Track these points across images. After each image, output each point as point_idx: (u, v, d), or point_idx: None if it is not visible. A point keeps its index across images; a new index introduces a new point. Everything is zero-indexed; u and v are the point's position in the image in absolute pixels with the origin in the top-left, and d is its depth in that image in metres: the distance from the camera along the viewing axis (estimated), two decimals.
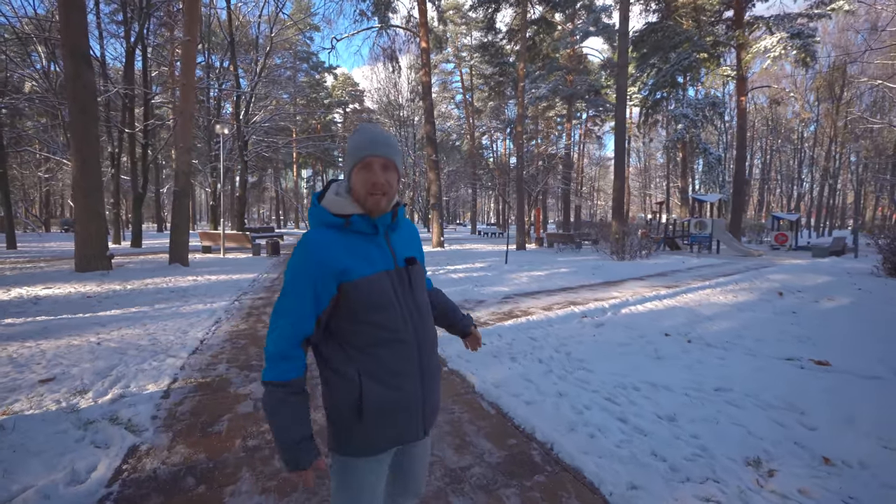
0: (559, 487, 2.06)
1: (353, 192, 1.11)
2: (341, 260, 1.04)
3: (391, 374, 1.07)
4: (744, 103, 21.91)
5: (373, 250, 1.09)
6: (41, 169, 25.94)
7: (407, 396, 1.09)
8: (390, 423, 1.08)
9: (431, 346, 1.18)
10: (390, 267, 1.11)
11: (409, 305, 1.12)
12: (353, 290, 1.03)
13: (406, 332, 1.09)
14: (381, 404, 1.05)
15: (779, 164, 46.49)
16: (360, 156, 1.08)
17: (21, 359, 3.74)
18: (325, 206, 1.11)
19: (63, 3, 8.39)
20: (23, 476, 2.08)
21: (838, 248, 15.68)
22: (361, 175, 1.09)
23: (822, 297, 6.71)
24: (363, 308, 1.05)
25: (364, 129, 1.13)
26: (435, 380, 1.19)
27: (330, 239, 1.06)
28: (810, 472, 2.12)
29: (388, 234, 1.15)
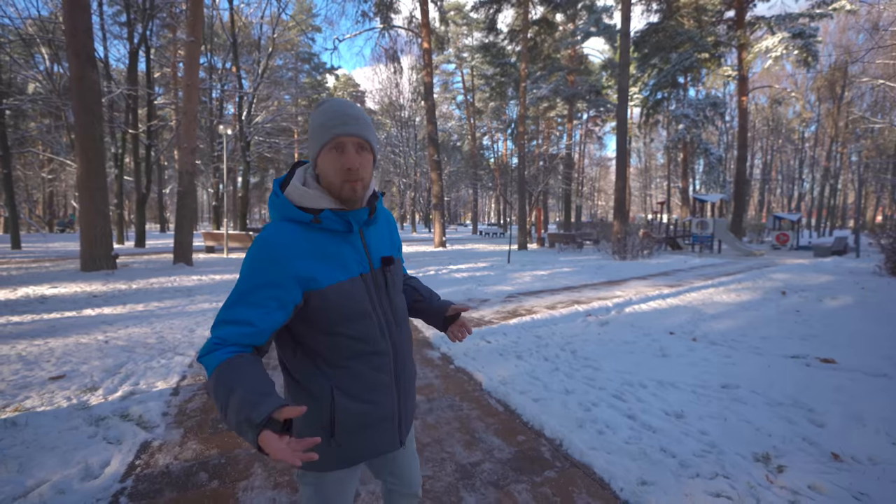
0: (570, 483, 2.08)
1: (321, 180, 0.94)
2: (307, 265, 0.88)
3: (367, 388, 0.97)
4: (745, 103, 21.92)
5: (346, 251, 0.94)
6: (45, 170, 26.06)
7: (382, 410, 1.00)
8: (364, 439, 0.99)
9: (407, 352, 1.08)
10: (366, 270, 0.96)
11: (387, 312, 1.00)
12: (322, 300, 0.89)
13: (383, 342, 0.98)
14: (354, 421, 0.96)
15: (780, 164, 46.49)
16: (330, 135, 0.90)
17: (30, 357, 3.76)
18: (290, 196, 0.93)
19: (68, 5, 8.43)
20: (37, 471, 2.10)
21: (840, 247, 15.67)
22: (331, 158, 0.91)
23: (826, 296, 6.71)
24: (335, 319, 0.91)
25: (332, 103, 0.94)
26: (410, 387, 1.10)
27: (294, 238, 0.89)
28: (820, 468, 2.13)
29: (363, 231, 0.99)
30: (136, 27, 17.29)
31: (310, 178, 0.96)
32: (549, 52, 24.41)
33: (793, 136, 42.54)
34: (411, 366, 1.11)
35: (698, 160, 29.71)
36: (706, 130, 26.19)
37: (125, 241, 19.97)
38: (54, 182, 29.05)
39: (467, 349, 4.15)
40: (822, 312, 5.65)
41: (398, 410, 1.04)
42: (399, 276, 1.08)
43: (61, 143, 18.79)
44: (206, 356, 0.84)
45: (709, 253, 17.28)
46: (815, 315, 5.49)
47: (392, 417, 1.02)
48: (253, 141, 22.83)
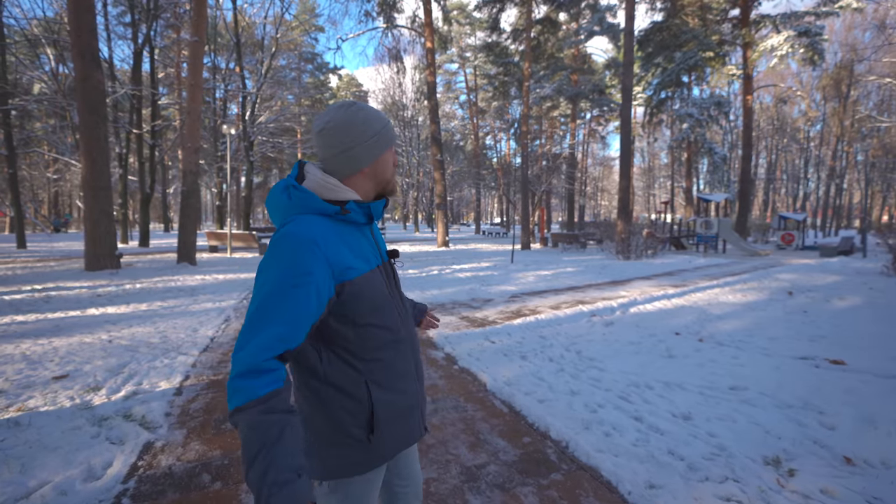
0: (576, 486, 2.04)
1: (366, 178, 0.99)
2: (340, 255, 0.88)
3: (397, 377, 0.99)
4: (750, 102, 21.77)
5: (363, 243, 0.98)
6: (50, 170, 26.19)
7: (411, 398, 1.03)
8: (400, 429, 1.00)
9: (418, 340, 1.13)
10: (380, 262, 1.01)
11: (397, 300, 1.05)
12: (355, 290, 0.90)
13: (403, 330, 1.03)
14: (391, 412, 0.97)
15: (784, 163, 46.21)
16: (394, 139, 1.04)
17: (34, 356, 3.76)
18: (313, 189, 0.93)
19: (73, 5, 8.45)
20: (40, 472, 2.09)
21: (846, 247, 15.54)
22: (389, 157, 1.02)
23: (833, 296, 6.64)
24: (366, 309, 0.93)
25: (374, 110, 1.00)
26: (423, 374, 1.13)
27: (325, 229, 0.88)
28: (832, 472, 2.09)
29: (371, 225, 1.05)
30: (141, 27, 17.34)
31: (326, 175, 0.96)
32: (552, 51, 24.33)
33: (798, 136, 42.27)
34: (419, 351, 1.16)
35: (702, 160, 29.57)
36: (710, 130, 26.03)
37: (129, 241, 20.04)
38: (59, 182, 29.20)
39: (471, 349, 4.13)
40: (829, 313, 5.58)
41: (420, 397, 1.07)
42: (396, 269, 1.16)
43: (66, 143, 18.87)
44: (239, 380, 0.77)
45: (713, 253, 17.18)
46: (822, 316, 5.43)
47: (417, 404, 1.06)
48: (256, 141, 22.88)
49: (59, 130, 19.38)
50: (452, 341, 4.39)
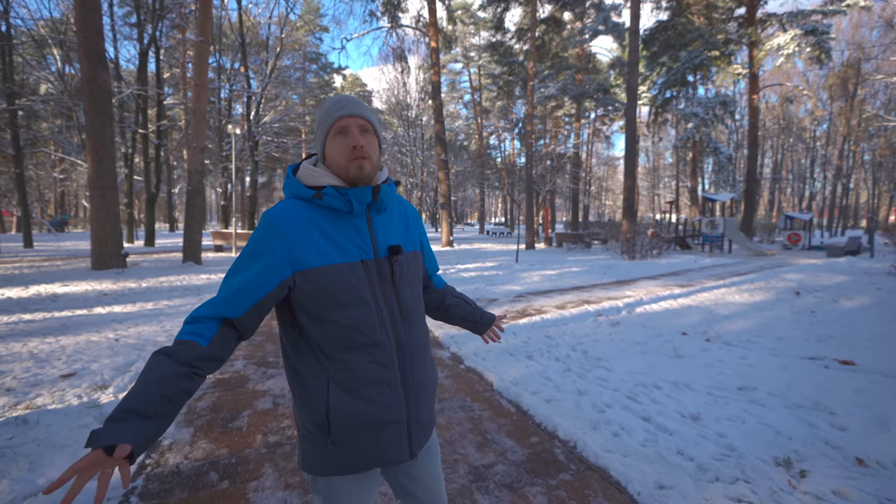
0: (585, 486, 2.03)
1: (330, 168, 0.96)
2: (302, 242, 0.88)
3: (365, 383, 0.91)
4: (756, 101, 21.63)
5: (347, 233, 0.92)
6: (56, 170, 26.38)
7: (383, 411, 0.92)
8: (364, 441, 0.92)
9: (419, 352, 1.00)
10: (368, 256, 0.93)
11: (391, 304, 0.95)
12: (314, 281, 0.87)
13: (382, 334, 0.92)
14: (350, 419, 0.90)
15: (790, 163, 45.91)
16: (334, 118, 0.93)
17: (42, 354, 3.78)
18: (299, 176, 0.96)
19: (79, 6, 8.50)
20: (48, 470, 2.09)
21: (853, 247, 15.41)
22: (337, 141, 0.93)
23: (841, 296, 6.59)
24: (327, 304, 0.88)
25: (332, 96, 0.98)
26: (424, 392, 1.01)
27: (294, 213, 0.90)
28: (844, 473, 2.07)
29: (371, 216, 0.96)
30: (146, 28, 17.43)
31: (319, 164, 0.99)
32: (556, 50, 24.29)
33: (804, 135, 41.99)
34: (426, 369, 1.03)
35: (707, 159, 29.40)
36: (716, 129, 25.89)
37: (135, 240, 20.16)
38: (66, 182, 29.42)
39: (477, 349, 4.12)
40: (837, 313, 5.54)
41: (406, 415, 0.95)
42: (412, 269, 1.02)
43: (72, 143, 19.00)
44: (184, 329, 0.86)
45: (719, 253, 17.08)
46: (830, 316, 5.38)
47: (398, 422, 0.94)
48: (261, 141, 22.94)
49: (65, 130, 19.53)
50: (458, 340, 4.38)
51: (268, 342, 4.39)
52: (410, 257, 1.02)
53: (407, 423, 0.96)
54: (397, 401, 0.94)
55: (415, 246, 1.07)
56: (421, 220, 1.12)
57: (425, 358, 1.03)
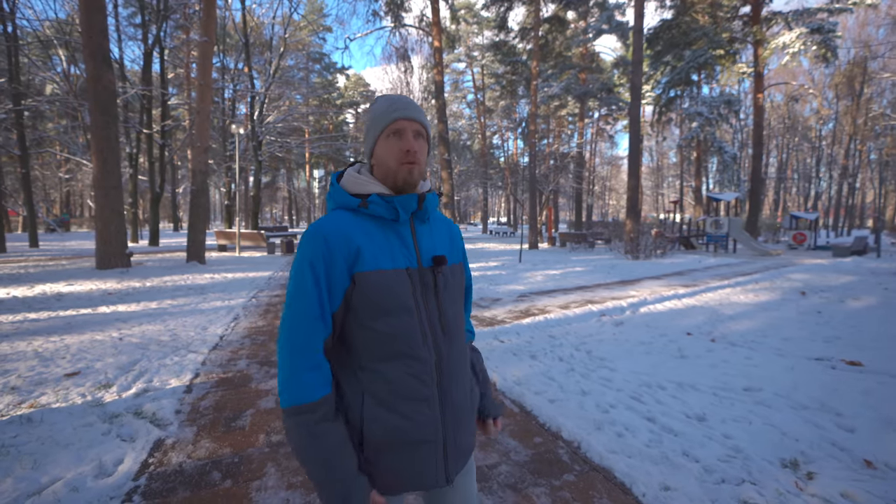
0: (590, 487, 2.01)
1: (376, 170, 0.94)
2: (354, 246, 0.86)
3: (402, 397, 0.87)
4: (760, 101, 21.49)
5: (392, 241, 0.90)
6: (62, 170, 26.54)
7: (419, 429, 0.87)
8: (398, 461, 0.88)
9: (459, 372, 0.94)
10: (412, 264, 0.90)
11: (433, 317, 0.90)
12: (365, 285, 0.85)
13: (424, 347, 0.88)
14: (385, 434, 0.86)
15: (796, 162, 45.62)
16: (390, 119, 0.90)
17: (46, 353, 3.80)
18: (343, 185, 0.94)
19: (85, 6, 8.54)
20: (52, 468, 2.09)
21: (860, 247, 15.28)
22: (390, 143, 0.90)
23: (848, 296, 6.53)
24: (372, 311, 0.86)
25: (388, 95, 0.96)
26: (463, 416, 0.95)
27: (342, 222, 0.89)
28: (852, 475, 2.04)
29: (415, 225, 0.94)
30: (151, 28, 17.51)
31: (364, 170, 0.97)
32: (560, 50, 24.21)
33: (809, 134, 41.68)
34: (466, 392, 0.97)
35: (712, 158, 29.24)
36: (720, 128, 25.75)
37: (139, 240, 20.26)
38: (71, 182, 29.59)
39: (481, 349, 4.09)
40: (844, 313, 5.49)
41: (444, 436, 0.90)
42: (455, 283, 0.97)
43: (78, 143, 19.10)
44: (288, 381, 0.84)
45: (723, 252, 16.99)
46: (837, 316, 5.34)
47: (435, 442, 0.89)
48: (264, 140, 23.00)
49: (70, 131, 19.65)
50: None
51: (271, 341, 4.39)
52: (455, 270, 0.98)
53: (444, 445, 0.90)
54: (434, 420, 0.89)
55: (458, 260, 1.02)
56: (463, 240, 1.08)
57: (465, 380, 0.97)
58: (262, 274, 9.45)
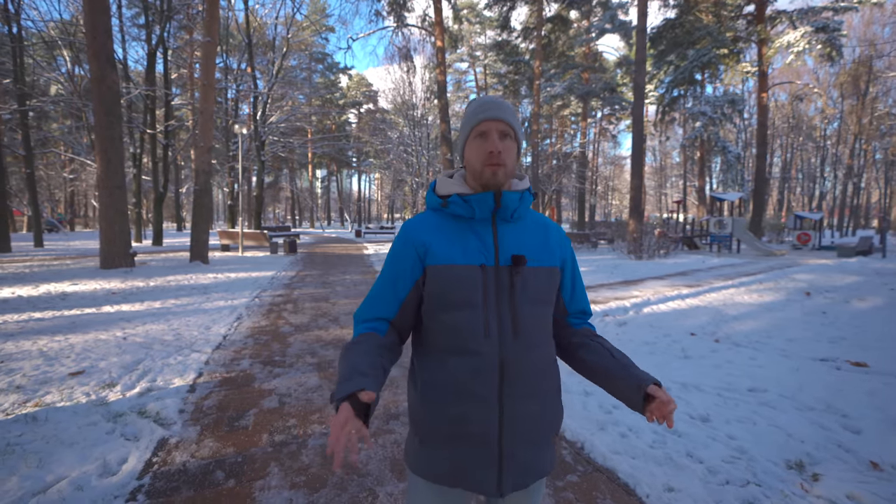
0: (593, 488, 2.01)
1: (467, 171, 0.98)
2: (427, 239, 0.92)
3: (455, 392, 0.87)
4: (765, 100, 21.41)
5: (469, 237, 0.92)
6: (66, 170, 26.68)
7: (472, 430, 0.86)
8: (445, 453, 0.89)
9: (532, 380, 0.89)
10: (488, 262, 0.90)
11: (503, 316, 0.88)
12: (434, 277, 0.90)
13: (486, 344, 0.86)
14: (436, 424, 0.89)
15: (800, 162, 45.40)
16: (476, 121, 0.92)
17: (51, 352, 3.81)
18: (436, 188, 1.00)
19: (89, 7, 8.57)
20: (56, 467, 2.10)
21: (865, 247, 15.19)
22: (476, 144, 0.93)
23: (853, 297, 6.49)
24: (440, 302, 0.90)
25: (479, 98, 0.98)
26: (532, 430, 0.90)
27: (423, 220, 0.96)
28: (858, 477, 2.03)
29: (497, 223, 0.93)
30: (154, 29, 17.56)
31: (458, 175, 1.01)
32: (563, 49, 24.20)
33: (814, 134, 41.50)
34: (542, 406, 0.91)
35: (715, 158, 29.15)
36: (724, 128, 25.66)
37: (143, 240, 20.34)
38: (75, 182, 29.74)
39: None
40: (849, 314, 5.45)
41: (500, 444, 0.86)
42: (539, 286, 0.92)
43: (82, 143, 19.19)
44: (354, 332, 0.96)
45: (727, 253, 16.92)
46: (842, 317, 5.31)
47: (487, 447, 0.86)
48: (267, 140, 23.07)
49: (75, 131, 19.75)
50: None
51: (273, 341, 4.40)
52: (540, 273, 0.93)
53: (499, 455, 0.86)
54: (488, 423, 0.86)
55: (549, 263, 0.95)
56: (568, 243, 1.03)
57: (542, 390, 0.92)
58: (265, 274, 9.47)
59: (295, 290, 7.51)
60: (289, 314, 5.64)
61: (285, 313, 5.68)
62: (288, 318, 5.43)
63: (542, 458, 0.93)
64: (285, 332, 4.73)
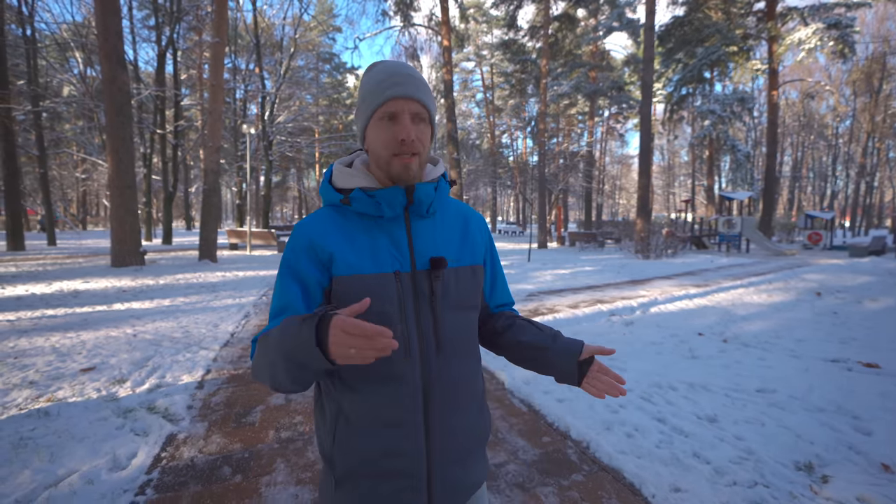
0: (598, 487, 2.00)
1: (370, 157, 0.80)
2: (329, 245, 0.76)
3: (375, 421, 0.75)
4: (775, 98, 21.14)
5: (379, 241, 0.77)
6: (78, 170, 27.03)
7: (393, 460, 0.75)
8: (368, 493, 0.76)
9: (457, 395, 0.80)
10: (403, 268, 0.76)
11: (424, 329, 0.76)
12: (341, 290, 0.75)
13: (407, 366, 0.74)
14: (355, 461, 0.75)
15: (811, 160, 44.78)
16: (382, 98, 0.74)
17: (63, 349, 3.88)
18: (333, 180, 0.82)
19: (100, 9, 8.68)
20: (68, 461, 2.14)
21: (878, 247, 14.95)
22: (382, 128, 0.75)
23: (865, 297, 6.39)
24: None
25: (384, 63, 0.78)
26: (460, 447, 0.80)
27: (322, 221, 0.79)
28: (868, 479, 2.00)
29: (411, 221, 0.79)
30: (164, 30, 17.76)
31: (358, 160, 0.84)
32: (570, 48, 24.07)
33: (826, 132, 40.90)
34: (468, 418, 0.82)
35: (725, 157, 28.84)
36: (733, 126, 25.36)
37: (153, 239, 20.58)
38: (87, 181, 30.12)
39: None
40: (861, 315, 5.38)
41: (428, 470, 0.76)
42: (462, 288, 0.81)
43: (94, 143, 19.44)
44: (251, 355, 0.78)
45: (736, 252, 16.75)
46: (853, 317, 5.23)
47: (414, 477, 0.75)
48: (275, 140, 23.20)
49: (87, 131, 19.99)
50: None
51: None
52: (461, 274, 0.81)
53: (427, 482, 0.76)
54: (415, 451, 0.75)
55: (471, 260, 0.84)
56: (488, 231, 0.91)
57: (467, 404, 0.82)
58: (273, 272, 9.54)
59: None
60: None
61: None
62: None
63: (473, 472, 0.84)
64: None
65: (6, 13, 13.76)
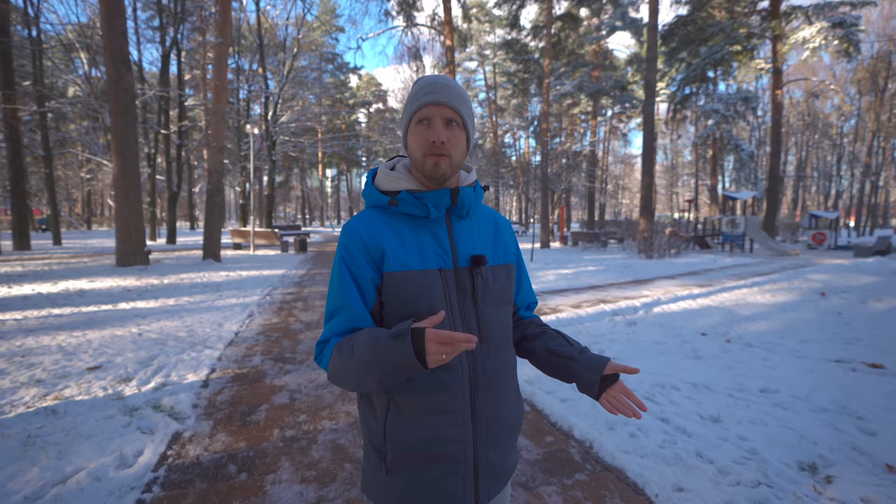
0: (601, 487, 2.01)
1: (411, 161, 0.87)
2: (381, 242, 0.81)
3: (426, 409, 0.80)
4: (779, 97, 21.01)
5: (425, 239, 0.83)
6: (83, 170, 27.18)
7: (444, 445, 0.80)
8: (419, 477, 0.81)
9: (499, 385, 0.86)
10: (447, 264, 0.83)
11: (469, 322, 0.82)
12: (392, 285, 0.80)
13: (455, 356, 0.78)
14: (407, 447, 0.80)
15: (815, 160, 44.52)
16: (417, 105, 0.82)
17: (69, 347, 3.91)
18: (376, 182, 0.89)
19: (105, 10, 8.74)
20: (75, 458, 2.16)
21: (883, 247, 14.86)
22: (418, 131, 0.82)
23: (870, 298, 6.36)
24: (400, 312, 0.80)
25: (426, 77, 0.86)
26: (501, 434, 0.86)
27: (371, 220, 0.84)
28: (873, 480, 2.00)
29: (452, 222, 0.86)
30: (168, 31, 17.84)
31: (400, 165, 0.91)
32: (573, 47, 24.02)
33: (830, 131, 40.65)
34: (507, 408, 0.88)
35: (728, 157, 28.74)
36: (737, 126, 25.28)
37: (157, 238, 20.68)
38: (92, 181, 30.30)
39: None
40: (866, 315, 5.35)
41: (475, 455, 0.82)
42: (499, 286, 0.88)
43: (98, 143, 19.55)
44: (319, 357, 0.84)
45: (740, 252, 16.69)
46: (858, 318, 5.21)
47: (463, 461, 0.81)
48: (278, 140, 23.29)
49: (91, 131, 20.13)
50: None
51: (284, 338, 4.45)
52: (498, 271, 0.89)
53: (474, 466, 0.82)
54: (463, 437, 0.81)
55: (504, 259, 0.92)
56: (514, 234, 0.99)
57: (507, 394, 0.89)
58: (276, 272, 9.57)
59: (305, 288, 7.59)
60: (299, 311, 5.70)
61: (296, 311, 5.74)
62: (298, 315, 5.49)
63: (510, 459, 0.91)
64: (296, 330, 4.78)
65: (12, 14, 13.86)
